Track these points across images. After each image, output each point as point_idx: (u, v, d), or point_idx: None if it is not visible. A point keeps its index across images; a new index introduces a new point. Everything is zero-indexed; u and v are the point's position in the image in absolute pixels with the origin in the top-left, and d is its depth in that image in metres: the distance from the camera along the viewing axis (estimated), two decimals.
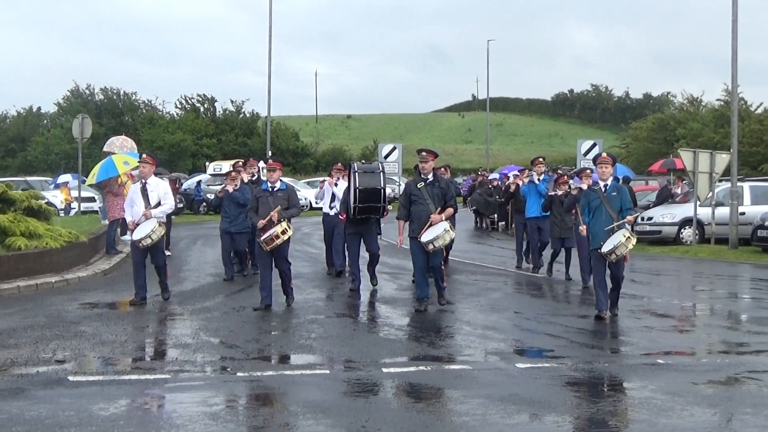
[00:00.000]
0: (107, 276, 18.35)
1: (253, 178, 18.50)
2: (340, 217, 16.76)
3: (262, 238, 13.48)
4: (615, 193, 13.07)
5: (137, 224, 13.99)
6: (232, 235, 17.54)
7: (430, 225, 13.32)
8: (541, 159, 20.47)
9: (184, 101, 79.34)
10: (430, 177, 13.75)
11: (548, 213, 18.25)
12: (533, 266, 19.57)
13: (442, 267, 14.32)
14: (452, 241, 13.98)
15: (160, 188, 14.40)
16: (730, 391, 9.17)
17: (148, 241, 13.81)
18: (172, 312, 13.50)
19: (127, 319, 12.76)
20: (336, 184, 17.98)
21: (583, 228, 13.41)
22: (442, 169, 18.79)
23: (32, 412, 7.69)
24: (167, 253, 21.18)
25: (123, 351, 10.57)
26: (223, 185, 17.98)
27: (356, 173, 15.22)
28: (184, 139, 69.78)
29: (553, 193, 17.99)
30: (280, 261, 13.90)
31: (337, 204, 17.44)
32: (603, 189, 13.14)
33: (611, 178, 13.39)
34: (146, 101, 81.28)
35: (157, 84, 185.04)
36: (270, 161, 14.37)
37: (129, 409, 7.87)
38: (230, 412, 7.93)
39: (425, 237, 13.23)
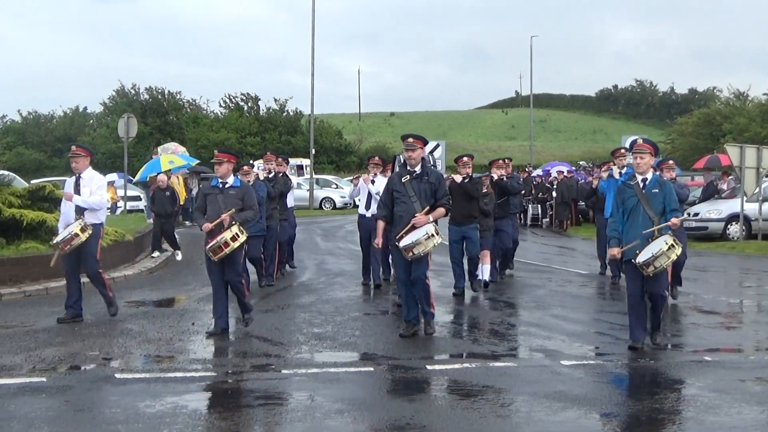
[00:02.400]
0: (153, 274, 18.52)
1: (270, 175, 16.75)
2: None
3: (209, 246, 11.40)
4: (657, 190, 10.35)
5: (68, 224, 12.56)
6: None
7: (412, 228, 11.11)
8: (623, 150, 17.35)
9: (228, 100, 79.82)
10: (418, 169, 11.36)
11: None
12: (612, 275, 17.23)
13: (428, 283, 11.57)
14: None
15: (93, 183, 12.70)
16: None
17: (68, 247, 12.23)
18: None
19: (172, 317, 12.84)
20: (373, 181, 15.95)
21: (614, 251, 10.53)
22: (501, 161, 17.47)
23: (80, 409, 7.77)
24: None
25: (168, 349, 10.63)
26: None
27: None
28: (228, 137, 70.11)
29: None
30: (229, 272, 11.61)
31: (374, 206, 14.88)
32: (641, 184, 10.46)
33: (651, 171, 10.66)
34: (190, 100, 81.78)
35: (202, 84, 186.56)
36: (216, 152, 12.04)
37: (175, 406, 7.92)
38: (275, 409, 7.97)
39: (404, 241, 11.02)
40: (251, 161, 20.81)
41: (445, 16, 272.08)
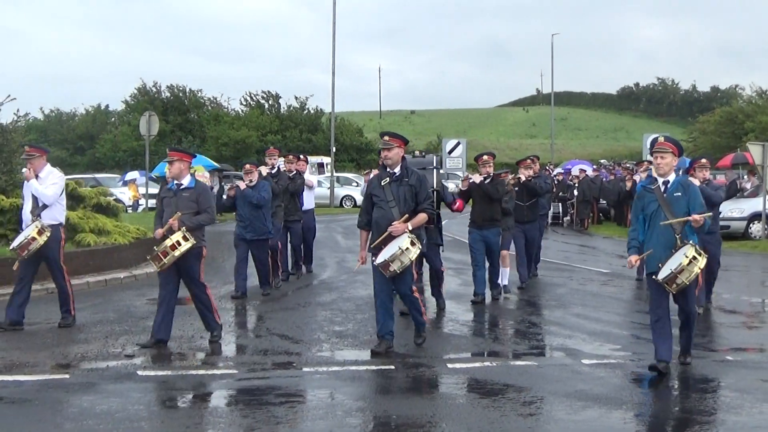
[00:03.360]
0: None
1: (273, 171, 16.03)
2: None
3: (150, 255, 10.74)
4: (679, 194, 9.24)
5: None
6: (249, 243, 14.66)
7: (389, 237, 10.09)
8: None
9: (248, 98, 79.91)
10: (397, 171, 10.35)
11: None
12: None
13: (416, 294, 10.62)
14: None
15: (49, 179, 11.71)
16: None
17: (25, 252, 11.41)
18: (238, 308, 13.64)
19: (193, 315, 12.79)
20: None
21: (632, 259, 9.44)
22: (528, 160, 16.21)
23: (102, 406, 7.81)
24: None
25: (190, 346, 10.68)
26: (232, 183, 15.19)
27: None
28: (249, 135, 70.23)
29: None
30: (189, 284, 10.81)
31: None
32: (662, 188, 9.36)
33: (673, 173, 9.46)
34: (211, 98, 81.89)
35: (222, 81, 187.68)
36: (168, 151, 11.28)
37: (197, 403, 7.97)
38: (296, 407, 8.01)
39: (379, 258, 10.03)
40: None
41: (467, 13, 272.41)
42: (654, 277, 9.11)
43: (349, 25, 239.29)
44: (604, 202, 34.67)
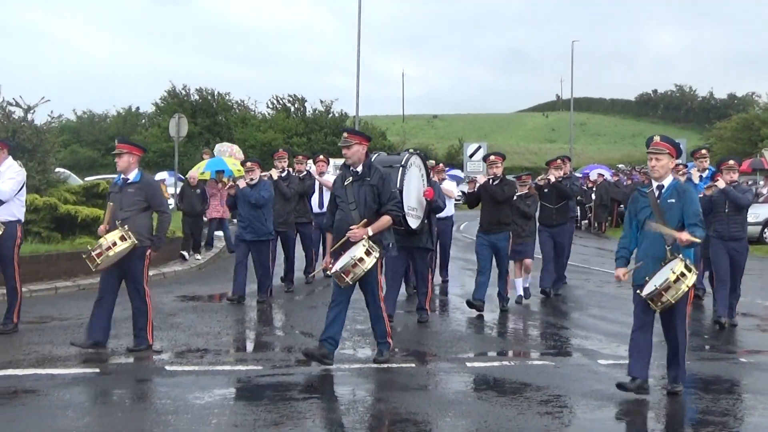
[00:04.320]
0: (202, 270, 18.78)
1: (283, 174, 15.34)
2: None
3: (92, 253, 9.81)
4: (673, 200, 8.20)
5: None
6: (249, 245, 13.97)
7: (348, 242, 9.31)
8: (704, 150, 15.06)
9: (275, 101, 79.96)
10: (359, 169, 9.55)
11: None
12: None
13: (382, 308, 9.69)
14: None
15: (7, 174, 10.90)
16: None
17: None
18: (263, 306, 13.80)
19: (220, 312, 13.07)
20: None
21: (620, 272, 8.46)
22: (559, 161, 15.43)
23: (131, 400, 8.06)
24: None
25: (217, 342, 10.82)
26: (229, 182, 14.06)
27: None
28: (275, 138, 70.25)
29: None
30: (129, 287, 10.13)
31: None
32: (656, 192, 8.36)
33: (671, 176, 8.48)
34: (239, 101, 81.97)
35: (250, 85, 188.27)
36: (116, 143, 10.42)
37: (223, 398, 8.11)
38: (319, 403, 8.15)
39: (336, 266, 9.22)
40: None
41: (489, 20, 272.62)
42: (639, 291, 8.22)
43: (373, 31, 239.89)
44: (622, 206, 34.69)
